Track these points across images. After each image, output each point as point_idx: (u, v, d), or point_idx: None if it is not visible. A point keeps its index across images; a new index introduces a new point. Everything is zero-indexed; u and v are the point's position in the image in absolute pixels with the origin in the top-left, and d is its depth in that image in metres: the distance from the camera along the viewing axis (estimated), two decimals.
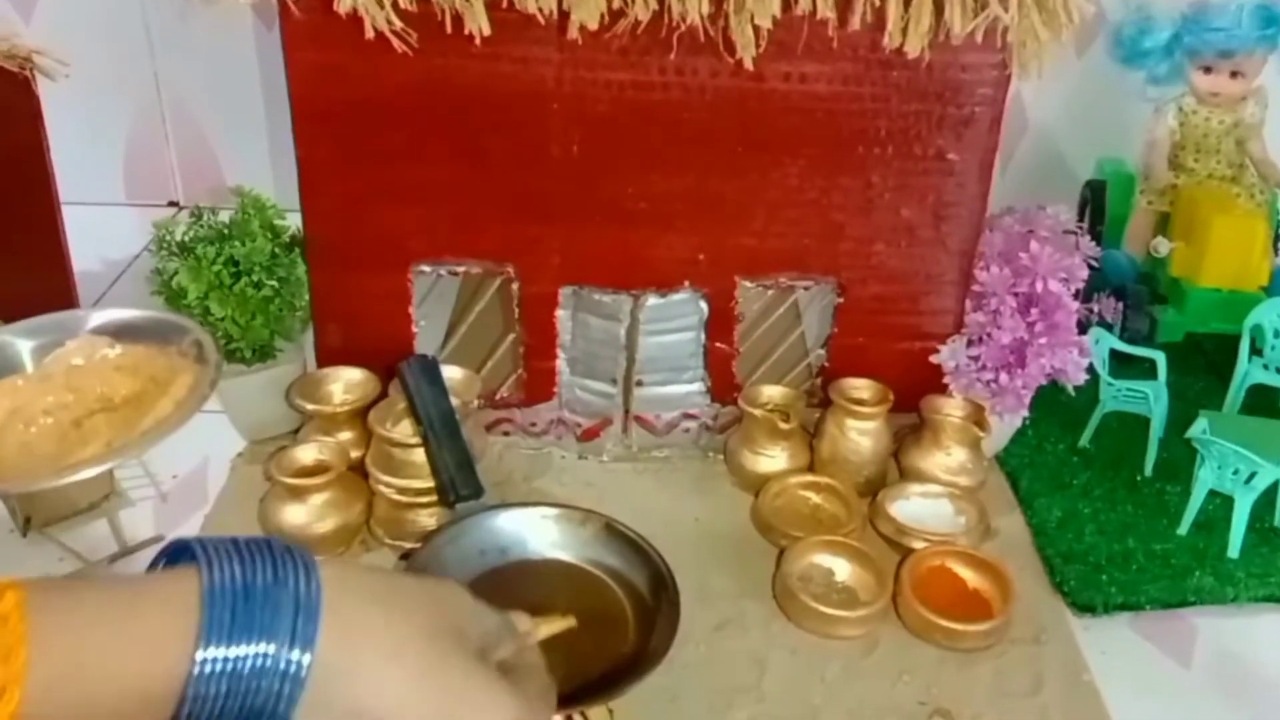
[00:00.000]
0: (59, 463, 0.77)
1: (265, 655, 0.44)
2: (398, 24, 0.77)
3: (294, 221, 0.97)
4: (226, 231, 0.92)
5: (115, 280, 1.27)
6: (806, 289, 0.95)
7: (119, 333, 0.85)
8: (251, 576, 0.45)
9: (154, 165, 1.44)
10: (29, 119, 1.01)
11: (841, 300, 0.95)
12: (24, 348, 0.86)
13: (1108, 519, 0.95)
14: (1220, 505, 0.94)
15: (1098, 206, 1.29)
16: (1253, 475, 0.90)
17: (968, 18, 0.76)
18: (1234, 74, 1.17)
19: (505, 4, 0.76)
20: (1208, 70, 1.18)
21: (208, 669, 0.44)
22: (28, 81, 0.98)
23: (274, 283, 0.92)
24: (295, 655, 0.45)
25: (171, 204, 1.47)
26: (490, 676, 0.51)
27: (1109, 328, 1.07)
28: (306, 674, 0.45)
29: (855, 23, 0.77)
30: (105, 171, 1.43)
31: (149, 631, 0.44)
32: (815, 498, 0.94)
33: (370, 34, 0.77)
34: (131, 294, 1.24)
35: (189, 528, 0.90)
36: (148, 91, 1.39)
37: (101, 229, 1.26)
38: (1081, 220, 1.31)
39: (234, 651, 0.44)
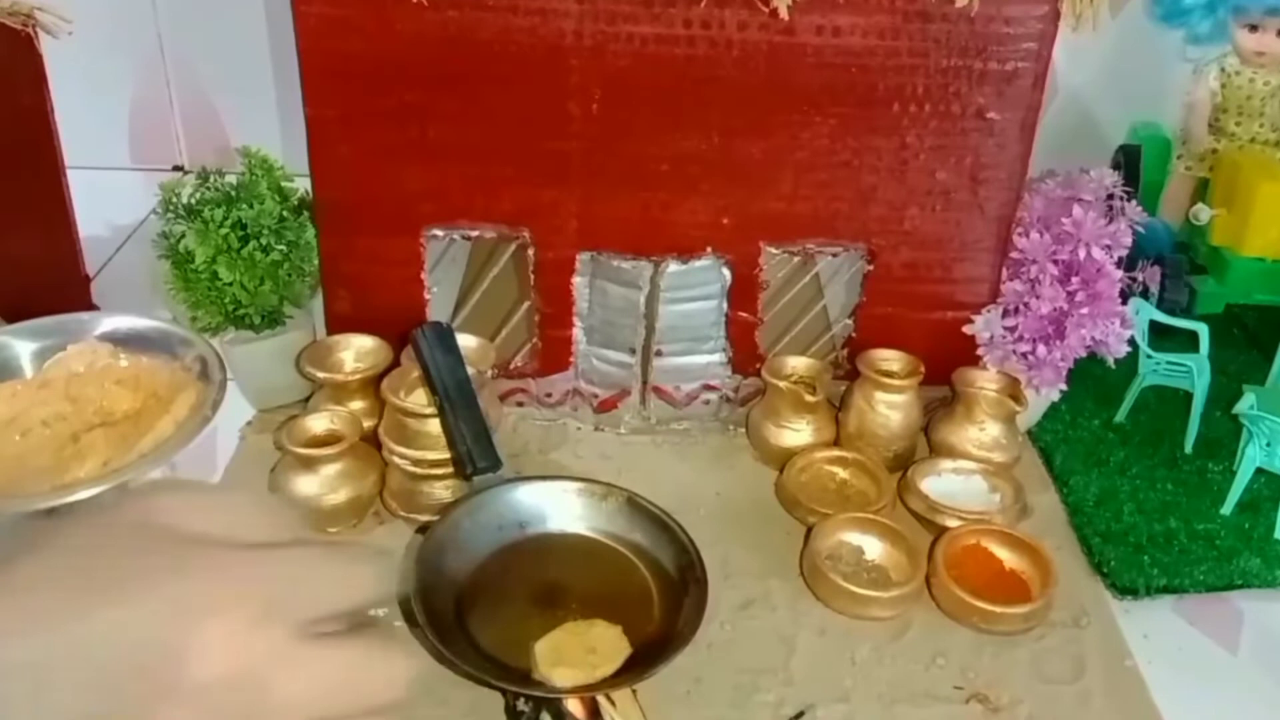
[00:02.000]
0: (54, 479, 0.74)
1: None
2: None
3: (302, 184, 0.94)
4: (234, 194, 0.89)
5: (121, 245, 1.24)
6: (834, 256, 0.92)
7: (123, 341, 0.81)
8: None
9: (158, 128, 1.41)
10: (33, 78, 0.97)
11: (871, 268, 0.92)
12: (24, 350, 0.82)
13: (1147, 498, 0.91)
14: (1266, 484, 0.91)
15: (1131, 172, 1.24)
16: None
17: None
18: None
19: None
20: (1253, 28, 1.13)
21: None
22: (30, 39, 0.94)
23: (282, 247, 0.88)
24: None
25: (176, 168, 1.43)
26: None
27: (1147, 297, 1.03)
28: None
29: None
30: (109, 135, 1.40)
31: None
32: (842, 473, 0.91)
33: None
34: (137, 260, 1.21)
35: None
36: (151, 53, 1.36)
37: (106, 193, 1.23)
38: None
39: None
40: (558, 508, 0.80)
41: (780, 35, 0.78)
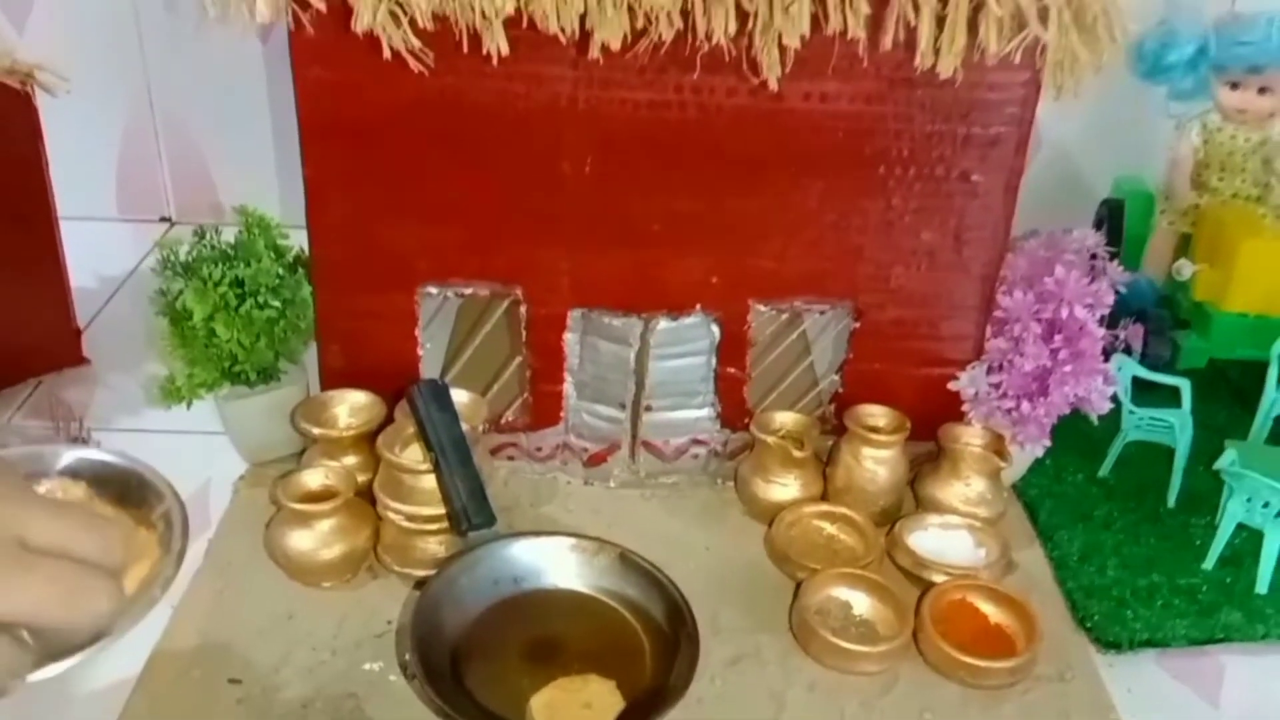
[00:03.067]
0: None
1: None
2: (415, 44, 0.78)
3: (296, 237, 0.98)
4: (231, 252, 0.93)
5: (110, 297, 1.28)
6: (822, 313, 0.96)
7: (93, 478, 0.82)
8: None
9: (146, 179, 1.46)
10: (30, 134, 1.02)
11: (858, 325, 0.96)
12: None
13: (1131, 552, 0.95)
14: (1247, 539, 0.94)
15: (1115, 226, 1.29)
16: None
17: (1004, 38, 0.76)
18: (1262, 90, 1.17)
19: (525, 23, 0.77)
20: (1234, 86, 1.17)
21: None
22: (29, 98, 0.99)
23: (278, 304, 0.92)
24: None
25: (164, 219, 1.48)
26: None
27: (1130, 353, 1.07)
28: None
29: (887, 43, 0.78)
30: (96, 185, 1.45)
31: None
32: (830, 528, 0.94)
33: (387, 54, 0.77)
34: (126, 312, 1.25)
35: (192, 553, 0.89)
36: (140, 105, 1.41)
37: (93, 244, 1.26)
38: None
39: None
40: (552, 563, 0.83)
41: (769, 101, 0.83)
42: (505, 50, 0.78)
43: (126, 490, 0.73)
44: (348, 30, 0.78)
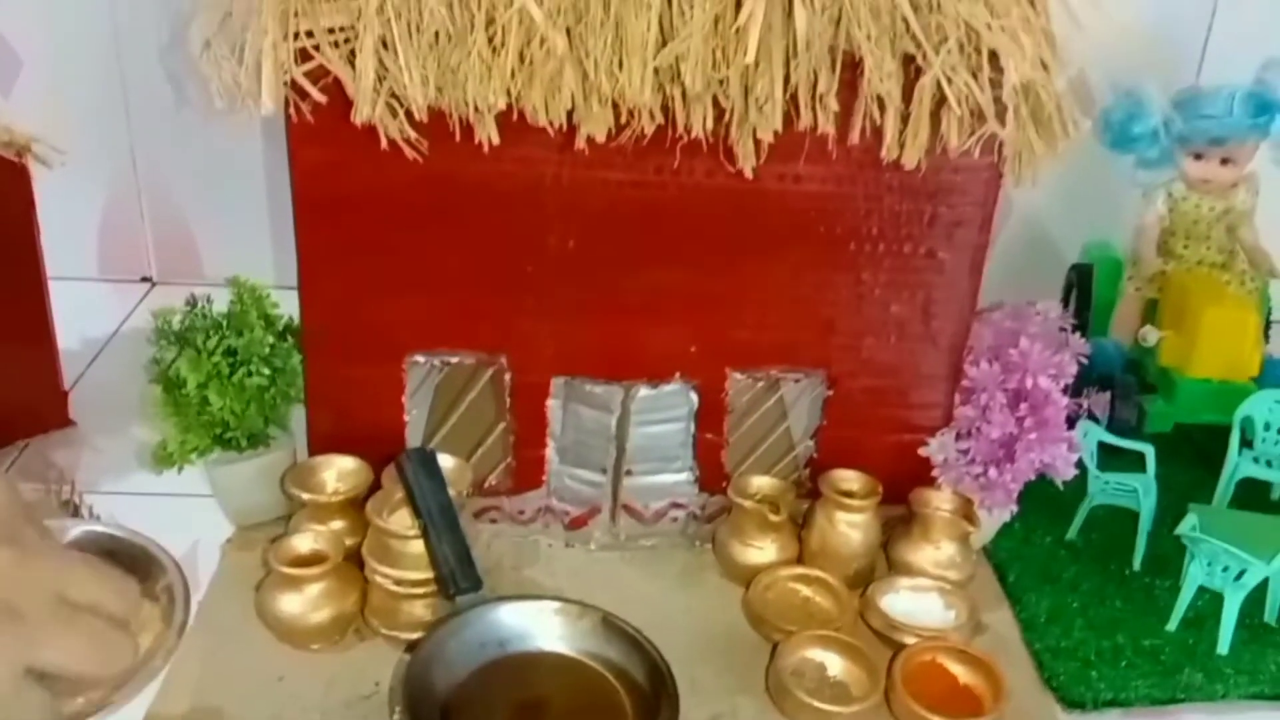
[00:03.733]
0: None
1: None
2: (411, 134, 0.84)
3: (281, 298, 1.04)
4: (223, 321, 0.99)
5: (94, 359, 1.33)
6: (796, 382, 1.03)
7: (100, 552, 0.83)
8: None
9: (128, 240, 1.51)
10: (23, 204, 1.08)
11: (831, 393, 1.03)
12: None
13: (1097, 614, 1.01)
14: (1210, 600, 1.00)
15: (1084, 291, 1.36)
16: (1242, 573, 0.96)
17: (965, 133, 0.84)
18: (1225, 161, 1.24)
19: (515, 115, 0.84)
20: (1198, 157, 1.24)
21: None
22: (24, 169, 1.05)
23: (269, 372, 0.98)
24: None
25: (145, 279, 1.53)
26: None
27: (1097, 420, 1.14)
28: None
29: (854, 137, 0.85)
30: (78, 245, 1.49)
31: None
32: (805, 590, 1.00)
33: (384, 144, 0.84)
34: (111, 374, 1.30)
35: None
36: (123, 164, 1.46)
37: (76, 304, 1.30)
38: (1066, 305, 1.38)
39: None
40: (537, 627, 0.89)
41: (744, 182, 0.90)
42: (496, 140, 0.85)
43: (132, 563, 0.77)
44: (343, 115, 0.84)
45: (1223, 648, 0.98)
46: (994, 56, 0.82)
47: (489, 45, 0.80)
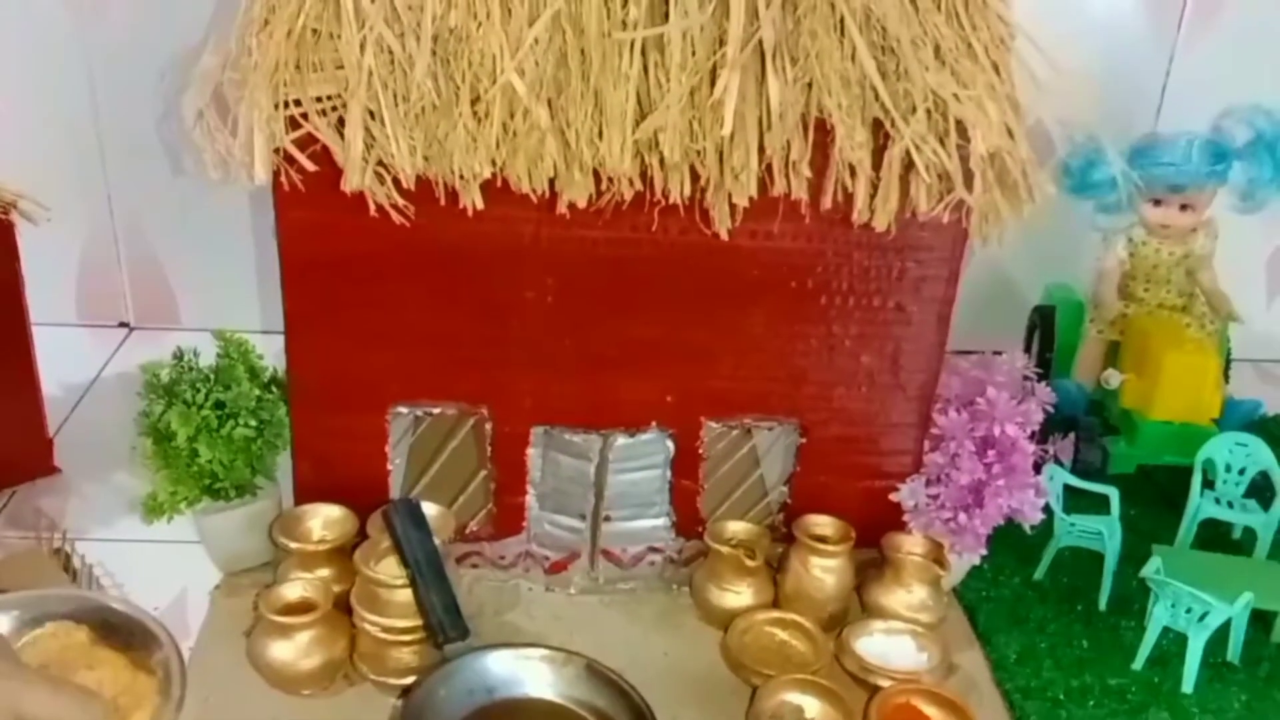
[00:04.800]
0: None
1: None
2: (399, 201, 0.88)
3: (259, 343, 1.07)
4: (211, 375, 1.02)
5: (76, 405, 1.36)
6: (770, 430, 1.06)
7: (95, 624, 0.85)
8: None
9: (105, 285, 1.53)
10: (7, 259, 1.11)
11: (804, 440, 1.07)
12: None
13: (1064, 654, 1.05)
14: (1175, 640, 1.03)
15: (1046, 332, 1.39)
16: (1205, 614, 1.00)
17: (933, 199, 0.88)
18: (1183, 207, 1.28)
19: (499, 182, 0.87)
20: (1157, 203, 1.29)
21: None
22: (11, 226, 1.07)
23: (256, 424, 1.01)
24: None
25: (123, 324, 1.55)
26: None
27: (1061, 463, 1.18)
28: None
29: (826, 203, 0.89)
30: (57, 291, 1.52)
31: None
32: (782, 634, 1.04)
33: (373, 210, 0.87)
34: (93, 420, 1.33)
35: None
36: (100, 211, 1.49)
37: (55, 350, 1.31)
38: (1029, 346, 1.42)
39: None
40: (524, 674, 0.93)
41: (719, 240, 0.94)
42: (480, 205, 0.89)
43: (128, 636, 0.79)
44: (331, 181, 0.88)
45: (1187, 687, 1.01)
46: (961, 124, 0.86)
47: (474, 116, 0.83)
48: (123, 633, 0.79)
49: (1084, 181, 1.31)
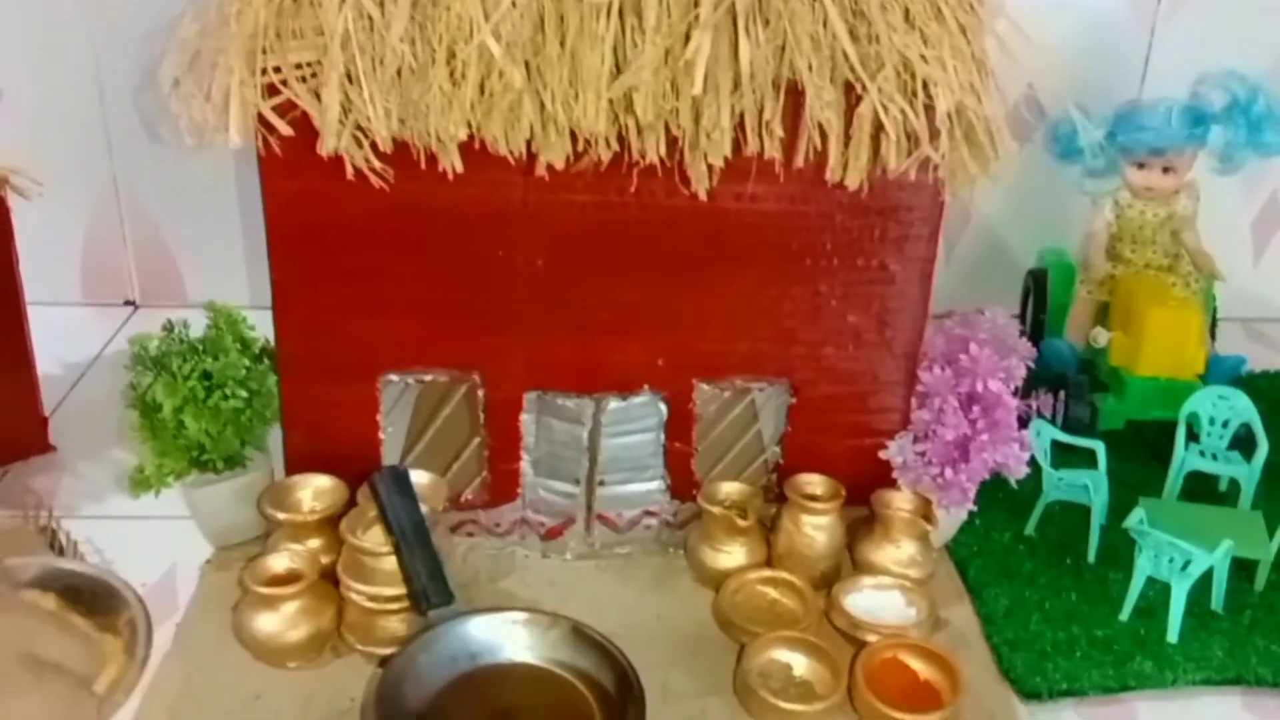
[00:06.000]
0: None
1: None
2: (377, 164, 0.86)
3: (258, 319, 1.04)
4: (200, 346, 1.00)
5: (75, 384, 1.34)
6: (761, 390, 1.04)
7: (62, 589, 0.83)
8: None
9: (110, 264, 1.51)
10: (2, 236, 1.08)
11: (794, 400, 1.04)
12: None
13: (1053, 606, 1.03)
14: (1160, 590, 1.02)
15: (1039, 295, 1.39)
16: (1187, 563, 0.98)
17: (902, 156, 0.86)
18: (1166, 170, 1.28)
19: (477, 144, 0.85)
20: (1140, 166, 1.28)
21: None
22: (3, 201, 1.05)
23: (245, 394, 0.99)
24: None
25: (128, 303, 1.53)
26: None
27: (1050, 419, 1.16)
28: None
29: (799, 160, 0.87)
30: (61, 270, 1.50)
31: None
32: (773, 593, 1.02)
33: (350, 174, 0.85)
34: (91, 398, 1.31)
35: (162, 635, 0.95)
36: (105, 190, 1.47)
37: (58, 329, 1.30)
38: (1024, 308, 1.41)
39: None
40: (507, 638, 0.91)
41: (703, 202, 0.92)
42: (460, 168, 0.86)
43: (94, 599, 0.78)
44: (312, 146, 0.86)
45: (1172, 636, 1.00)
46: (927, 84, 0.84)
47: (450, 79, 0.81)
48: (88, 596, 0.78)
49: (1071, 147, 1.32)
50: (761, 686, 0.89)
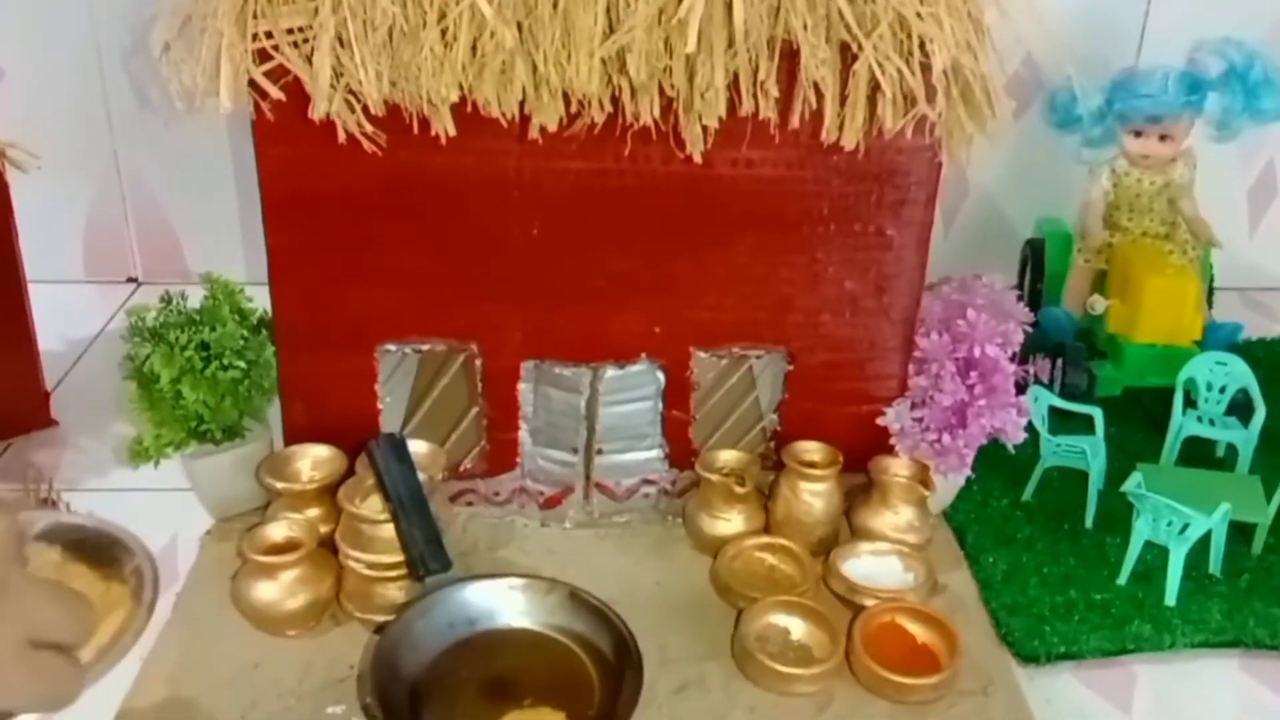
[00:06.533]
0: None
1: None
2: (368, 128, 0.84)
3: (258, 295, 1.03)
4: (197, 317, 0.98)
5: (78, 359, 1.33)
6: (759, 358, 1.03)
7: (67, 543, 0.83)
8: None
9: (113, 241, 1.50)
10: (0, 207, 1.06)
11: (792, 368, 1.03)
12: None
13: (1051, 571, 1.02)
14: (1158, 554, 1.01)
15: (1037, 264, 1.38)
16: (1185, 527, 0.97)
17: (899, 115, 0.84)
18: (1163, 137, 1.26)
19: (469, 107, 0.83)
20: (1137, 134, 1.27)
21: None
22: (0, 175, 1.04)
23: (242, 364, 0.98)
24: None
25: (130, 280, 1.52)
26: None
27: (1048, 386, 1.15)
28: None
29: (795, 121, 0.85)
30: (64, 248, 1.48)
31: None
32: (771, 559, 1.01)
33: (342, 138, 0.84)
34: (94, 373, 1.30)
35: (161, 607, 0.93)
36: (107, 168, 1.45)
37: (61, 306, 1.30)
38: (1022, 278, 1.41)
39: None
40: (505, 604, 0.89)
41: (699, 168, 0.90)
42: (452, 131, 0.85)
43: (99, 551, 0.77)
44: (306, 114, 0.84)
45: (1170, 599, 0.99)
46: (924, 42, 0.82)
47: (441, 40, 0.80)
48: (92, 548, 0.77)
49: (1068, 116, 1.31)
50: (759, 650, 0.88)
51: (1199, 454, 1.16)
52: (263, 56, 0.83)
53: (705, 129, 0.85)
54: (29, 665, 0.53)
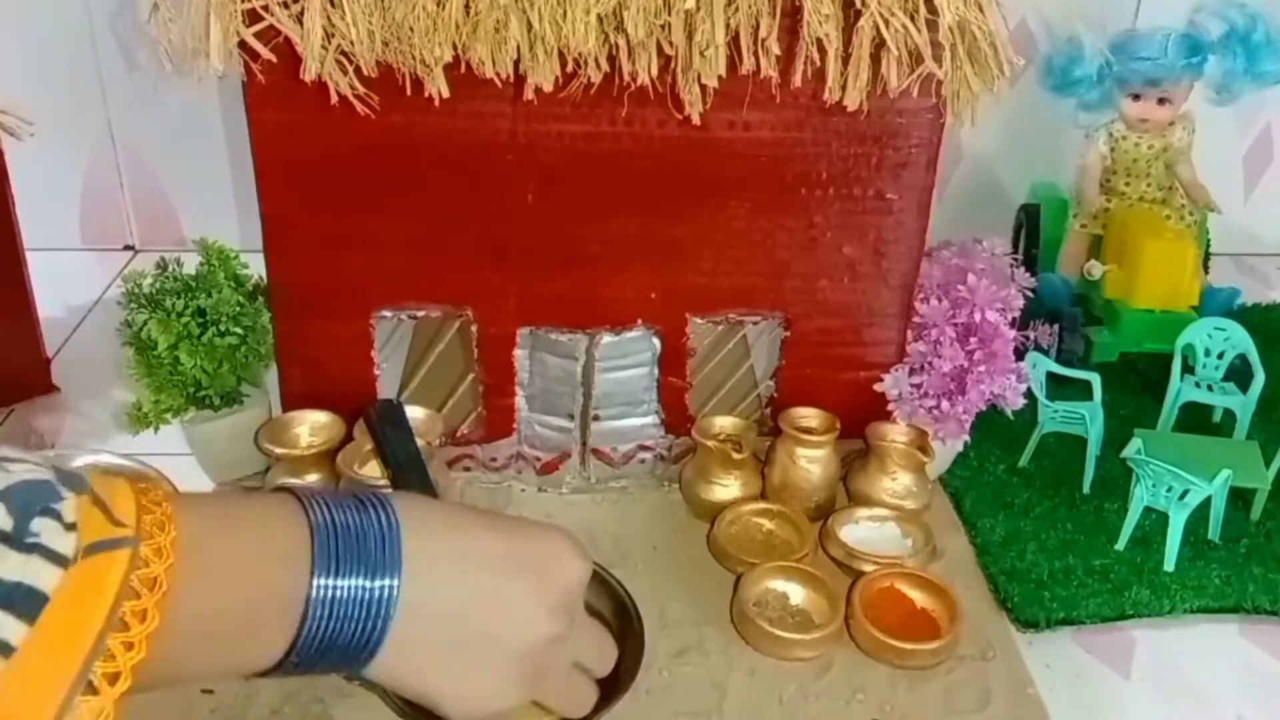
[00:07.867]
0: None
1: (363, 588, 0.50)
2: (360, 89, 0.81)
3: (254, 263, 1.00)
4: (193, 283, 0.96)
5: (77, 326, 1.30)
6: (755, 324, 1.00)
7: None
8: (343, 516, 0.52)
9: (109, 209, 1.47)
10: None
11: (788, 334, 1.00)
12: None
13: (1049, 537, 1.00)
14: (1156, 520, 0.99)
15: (1032, 230, 1.35)
16: (1185, 492, 0.95)
17: (904, 73, 0.81)
18: (1161, 101, 1.23)
19: (463, 68, 0.80)
20: (1136, 97, 1.24)
21: (321, 594, 0.49)
22: None
23: (239, 331, 0.95)
24: (386, 581, 0.51)
25: (127, 248, 1.49)
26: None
27: (1045, 351, 1.12)
28: (395, 604, 0.51)
29: (796, 80, 0.82)
30: (61, 216, 1.46)
31: (277, 550, 0.49)
32: (768, 524, 0.98)
33: (335, 99, 0.80)
34: (93, 340, 1.27)
35: None
36: (102, 136, 1.42)
37: (59, 273, 1.28)
38: (1017, 244, 1.38)
39: (339, 582, 0.50)
40: None
41: (696, 131, 0.87)
42: (446, 93, 0.81)
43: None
44: (297, 76, 0.81)
45: (1169, 565, 0.97)
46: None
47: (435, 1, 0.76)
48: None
49: (1065, 79, 1.28)
50: (758, 615, 0.86)
51: (1196, 420, 1.14)
52: (253, 17, 0.79)
53: (704, 88, 0.81)
54: (572, 682, 0.65)
